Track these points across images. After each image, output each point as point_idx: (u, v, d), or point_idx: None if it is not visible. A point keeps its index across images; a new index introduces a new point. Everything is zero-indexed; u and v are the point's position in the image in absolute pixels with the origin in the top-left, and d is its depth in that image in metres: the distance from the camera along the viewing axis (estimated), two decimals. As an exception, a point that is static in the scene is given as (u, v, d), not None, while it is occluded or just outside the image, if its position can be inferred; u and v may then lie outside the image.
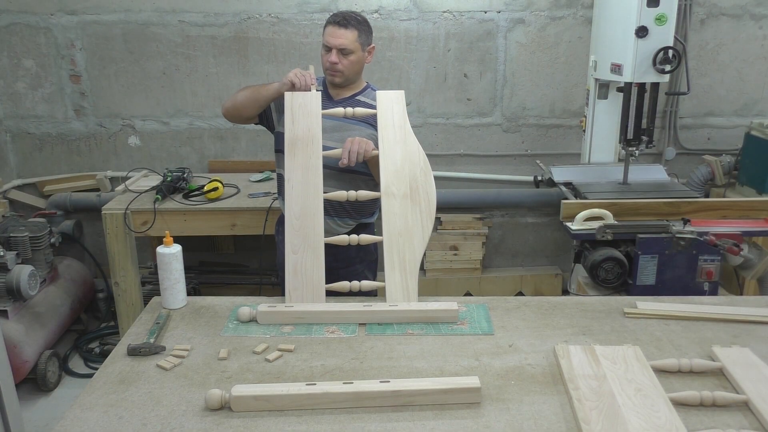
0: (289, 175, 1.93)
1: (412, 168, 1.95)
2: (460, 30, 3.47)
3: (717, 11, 3.44)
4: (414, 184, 1.93)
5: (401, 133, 2.00)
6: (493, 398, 1.39)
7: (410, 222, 1.90)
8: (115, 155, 3.66)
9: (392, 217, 1.89)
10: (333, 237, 1.91)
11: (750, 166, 3.29)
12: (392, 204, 1.91)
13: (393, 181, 1.93)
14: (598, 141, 3.11)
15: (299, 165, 1.94)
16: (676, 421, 1.26)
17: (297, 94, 2.02)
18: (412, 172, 1.94)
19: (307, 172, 1.93)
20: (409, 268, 1.86)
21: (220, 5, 3.40)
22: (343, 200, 1.95)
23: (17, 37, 3.43)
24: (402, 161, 1.96)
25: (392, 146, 1.98)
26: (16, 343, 2.79)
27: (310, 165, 1.94)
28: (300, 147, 1.96)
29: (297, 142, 1.96)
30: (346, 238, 1.92)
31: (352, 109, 2.03)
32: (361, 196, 1.93)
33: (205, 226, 2.96)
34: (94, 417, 1.35)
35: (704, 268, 2.36)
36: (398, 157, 1.96)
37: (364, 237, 1.94)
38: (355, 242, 1.92)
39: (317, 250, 1.85)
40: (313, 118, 2.00)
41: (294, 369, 1.52)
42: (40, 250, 3.03)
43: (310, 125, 1.99)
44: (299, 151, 1.96)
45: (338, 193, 1.94)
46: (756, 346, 1.56)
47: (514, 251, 3.87)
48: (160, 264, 1.79)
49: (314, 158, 1.95)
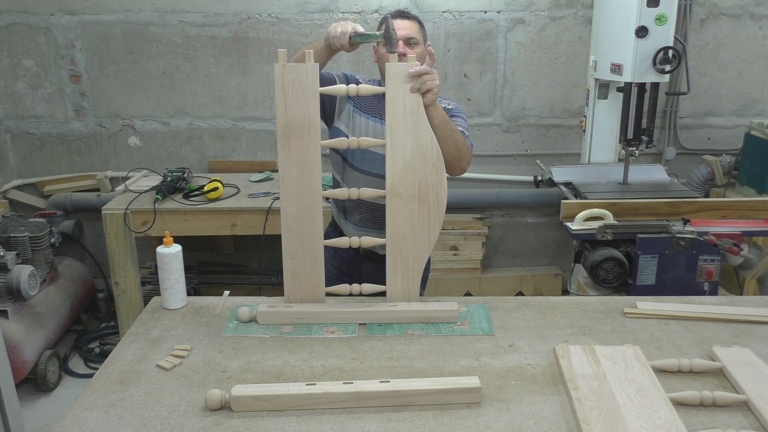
0: (284, 171, 1.70)
1: (423, 163, 1.70)
2: (460, 30, 3.47)
3: (717, 11, 3.44)
4: (424, 183, 1.71)
5: (413, 120, 1.69)
6: (493, 398, 1.39)
7: (416, 225, 1.74)
8: (115, 155, 3.66)
9: (397, 219, 1.73)
10: (333, 240, 1.79)
11: (750, 166, 3.29)
12: (398, 205, 1.72)
13: (400, 178, 1.71)
14: (598, 141, 3.11)
15: (294, 159, 1.68)
16: (676, 421, 1.26)
17: (289, 67, 1.64)
18: (423, 169, 1.71)
19: (303, 166, 1.69)
20: (412, 273, 1.78)
21: (220, 5, 3.40)
22: (345, 198, 1.75)
23: (17, 37, 3.43)
24: (412, 155, 1.70)
25: (402, 137, 1.69)
26: (16, 343, 2.79)
27: (307, 158, 1.68)
28: (294, 137, 1.67)
29: (291, 131, 1.67)
30: (346, 240, 1.77)
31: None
32: (363, 195, 1.74)
33: (205, 226, 2.96)
34: (94, 417, 1.35)
35: (704, 268, 2.36)
36: (408, 150, 1.70)
37: (366, 239, 1.78)
38: (356, 245, 1.78)
39: (316, 255, 1.75)
40: (309, 99, 1.65)
41: (294, 369, 1.52)
42: (40, 250, 3.03)
43: (306, 109, 1.66)
44: (294, 142, 1.68)
45: (339, 190, 1.76)
46: (756, 346, 1.56)
47: (514, 251, 3.87)
48: (160, 264, 1.78)
49: (312, 150, 1.68)
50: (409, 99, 1.69)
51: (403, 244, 1.76)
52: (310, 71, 1.65)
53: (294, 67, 1.65)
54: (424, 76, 1.68)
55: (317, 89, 1.66)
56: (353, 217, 2.13)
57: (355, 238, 1.78)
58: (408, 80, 1.68)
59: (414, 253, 1.77)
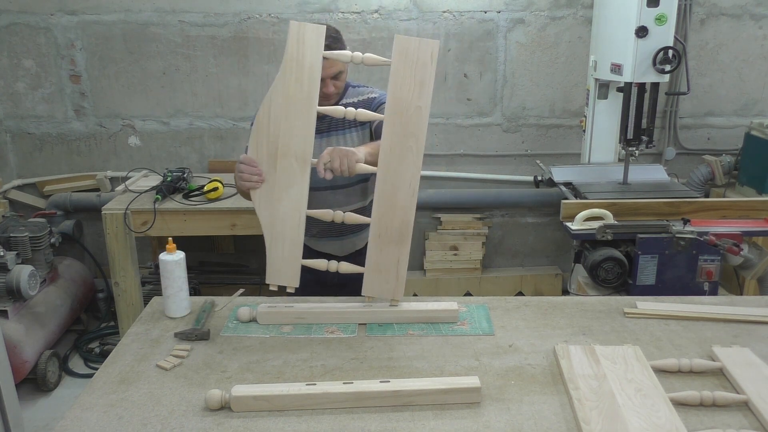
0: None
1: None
2: (460, 30, 3.47)
3: (717, 11, 3.44)
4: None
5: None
6: (493, 398, 1.39)
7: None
8: (115, 155, 3.66)
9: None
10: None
11: (750, 166, 3.29)
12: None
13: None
14: (598, 141, 3.11)
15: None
16: (676, 421, 1.26)
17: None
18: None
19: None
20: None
21: (220, 5, 3.40)
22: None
23: (17, 37, 3.43)
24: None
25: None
26: (16, 343, 2.79)
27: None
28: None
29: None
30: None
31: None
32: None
33: (205, 226, 2.96)
34: (94, 417, 1.35)
35: (704, 268, 2.36)
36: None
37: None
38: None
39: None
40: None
41: (294, 369, 1.52)
42: (40, 250, 3.03)
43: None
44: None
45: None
46: (756, 346, 1.56)
47: (514, 251, 3.87)
48: (162, 272, 1.74)
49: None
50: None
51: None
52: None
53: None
54: (334, 169, 1.65)
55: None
56: (311, 231, 2.06)
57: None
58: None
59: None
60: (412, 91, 1.61)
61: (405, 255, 1.70)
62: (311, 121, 1.65)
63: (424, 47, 1.59)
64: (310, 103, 1.64)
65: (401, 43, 1.59)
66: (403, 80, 1.61)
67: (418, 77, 1.60)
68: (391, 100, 1.62)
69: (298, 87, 1.62)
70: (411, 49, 1.59)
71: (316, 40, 1.62)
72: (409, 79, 1.60)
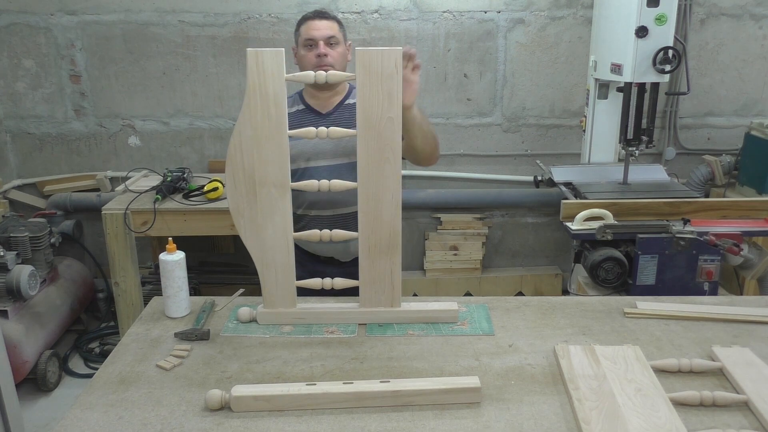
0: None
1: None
2: (460, 30, 3.47)
3: (717, 11, 3.44)
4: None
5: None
6: (493, 398, 1.39)
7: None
8: (115, 155, 3.66)
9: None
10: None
11: (750, 166, 3.29)
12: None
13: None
14: (598, 141, 3.11)
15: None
16: (676, 421, 1.26)
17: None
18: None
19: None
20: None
21: (220, 5, 3.40)
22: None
23: (17, 37, 3.43)
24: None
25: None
26: (16, 343, 2.79)
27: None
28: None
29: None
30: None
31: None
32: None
33: (205, 226, 2.96)
34: (94, 417, 1.35)
35: (704, 268, 2.36)
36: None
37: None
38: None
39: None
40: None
41: (294, 369, 1.52)
42: (40, 250, 3.03)
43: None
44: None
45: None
46: (756, 346, 1.56)
47: (514, 251, 3.87)
48: (162, 272, 1.74)
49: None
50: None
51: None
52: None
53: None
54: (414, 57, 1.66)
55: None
56: (311, 209, 2.07)
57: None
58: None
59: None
60: (381, 103, 1.56)
61: (397, 264, 1.68)
62: (284, 148, 1.60)
63: (388, 57, 1.52)
64: (280, 130, 1.58)
65: (363, 56, 1.52)
66: (371, 93, 1.55)
67: (385, 89, 1.54)
68: (362, 114, 1.57)
69: (266, 116, 1.57)
70: (374, 61, 1.53)
71: (277, 65, 1.54)
72: (377, 92, 1.55)
